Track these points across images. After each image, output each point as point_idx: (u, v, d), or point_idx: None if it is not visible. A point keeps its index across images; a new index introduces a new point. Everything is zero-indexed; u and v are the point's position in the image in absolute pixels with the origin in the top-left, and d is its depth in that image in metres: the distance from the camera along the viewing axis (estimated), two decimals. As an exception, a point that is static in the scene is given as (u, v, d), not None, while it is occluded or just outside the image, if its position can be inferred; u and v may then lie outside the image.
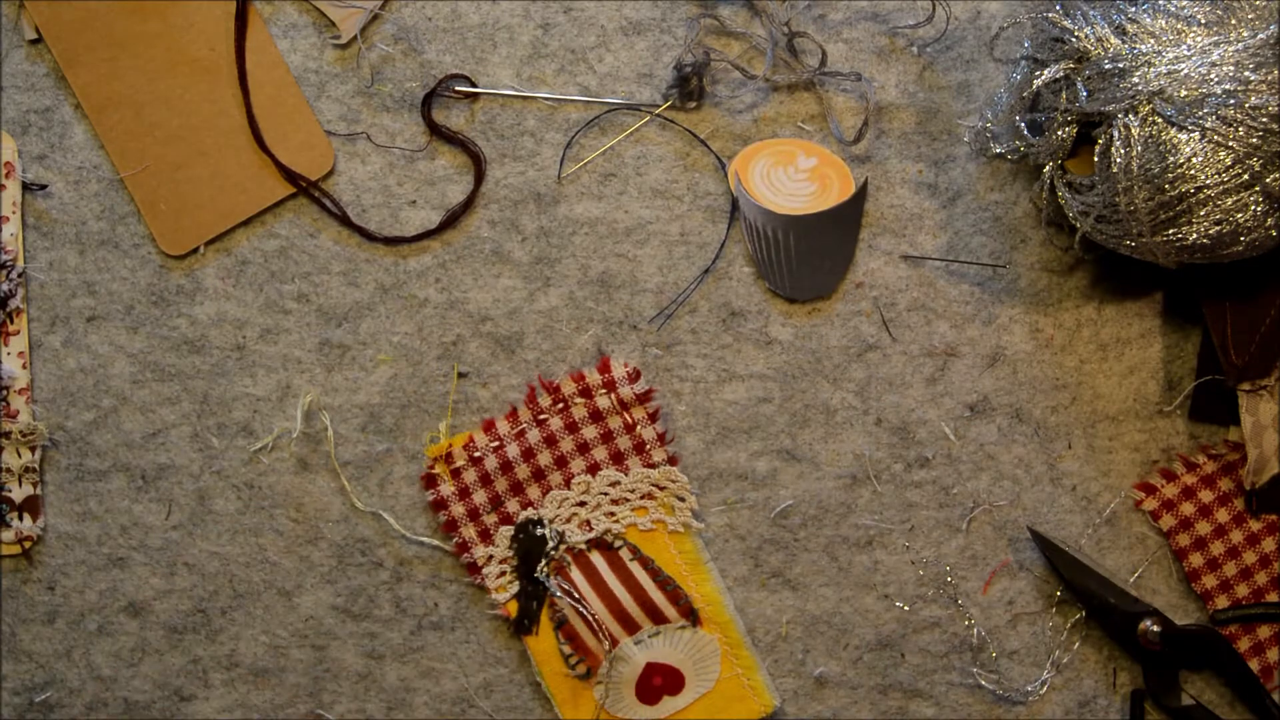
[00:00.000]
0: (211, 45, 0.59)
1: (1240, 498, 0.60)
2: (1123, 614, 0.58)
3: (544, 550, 0.54)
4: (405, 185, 0.60)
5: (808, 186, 0.59)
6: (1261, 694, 0.59)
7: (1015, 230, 0.60)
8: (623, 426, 0.55)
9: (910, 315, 0.60)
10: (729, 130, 0.60)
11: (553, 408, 0.55)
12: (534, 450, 0.54)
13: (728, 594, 0.54)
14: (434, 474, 0.55)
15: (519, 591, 0.54)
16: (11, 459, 0.58)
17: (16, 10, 0.59)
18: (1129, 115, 0.51)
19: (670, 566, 0.54)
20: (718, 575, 0.55)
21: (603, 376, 0.55)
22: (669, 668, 0.54)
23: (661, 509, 0.54)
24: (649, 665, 0.54)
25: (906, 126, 0.60)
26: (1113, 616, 0.59)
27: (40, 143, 0.59)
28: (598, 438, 0.54)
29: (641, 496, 0.54)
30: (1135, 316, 0.61)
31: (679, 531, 0.55)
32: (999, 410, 0.60)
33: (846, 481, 0.60)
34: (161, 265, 0.59)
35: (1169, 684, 0.59)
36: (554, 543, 0.54)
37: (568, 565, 0.54)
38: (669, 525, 0.54)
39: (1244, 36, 0.50)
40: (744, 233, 0.59)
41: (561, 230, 0.60)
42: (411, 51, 0.60)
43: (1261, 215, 0.51)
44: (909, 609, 0.60)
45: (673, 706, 0.54)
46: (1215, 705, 0.60)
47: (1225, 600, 0.60)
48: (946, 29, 0.60)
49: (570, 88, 0.60)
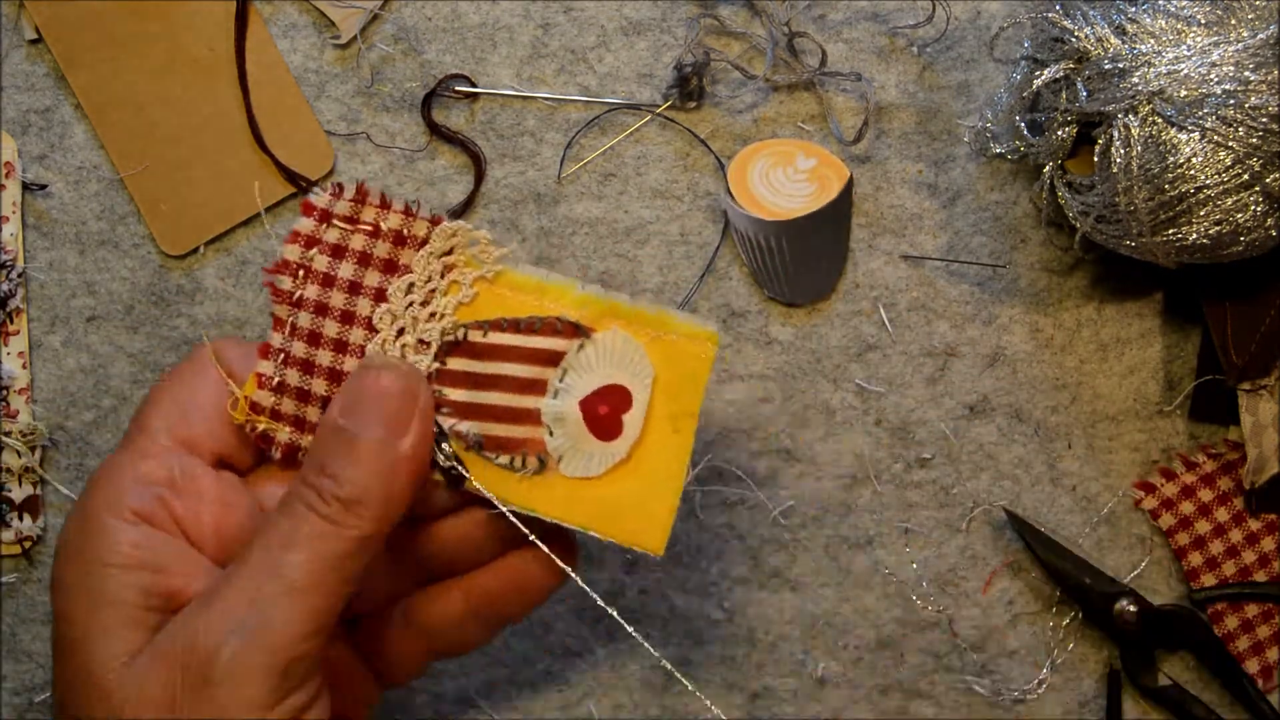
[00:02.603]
0: (211, 45, 0.59)
1: (1240, 497, 0.60)
2: (1099, 594, 0.59)
3: None
4: (405, 185, 0.60)
5: (807, 187, 0.59)
6: (1238, 674, 0.59)
7: (1015, 230, 0.60)
8: (369, 238, 0.47)
9: (910, 315, 0.60)
10: (729, 130, 0.60)
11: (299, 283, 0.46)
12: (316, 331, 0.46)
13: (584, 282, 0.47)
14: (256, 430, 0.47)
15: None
16: (11, 459, 0.58)
17: (16, 10, 0.59)
18: (1129, 115, 0.51)
19: (519, 308, 0.47)
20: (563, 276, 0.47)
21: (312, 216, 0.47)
22: (602, 390, 0.47)
23: (468, 268, 0.47)
24: (582, 404, 0.47)
25: (906, 126, 0.60)
26: (1089, 597, 0.59)
27: (40, 143, 0.59)
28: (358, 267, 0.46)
29: (442, 275, 0.47)
30: (1135, 316, 0.61)
31: (500, 271, 0.47)
32: (999, 410, 0.60)
33: (846, 481, 0.60)
34: (161, 265, 0.59)
35: (1146, 664, 0.59)
36: None
37: (439, 393, 0.46)
38: (487, 274, 0.47)
39: (1244, 36, 0.50)
40: (736, 243, 0.59)
41: (561, 230, 0.60)
42: (411, 51, 0.60)
43: (1261, 215, 0.51)
44: (909, 609, 0.60)
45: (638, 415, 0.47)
46: (1192, 685, 0.60)
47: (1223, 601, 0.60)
48: (946, 29, 0.60)
49: (570, 88, 0.60)
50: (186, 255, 0.59)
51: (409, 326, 0.46)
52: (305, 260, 0.46)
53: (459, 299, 0.47)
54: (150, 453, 0.44)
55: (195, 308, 0.60)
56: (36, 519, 0.59)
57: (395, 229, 0.47)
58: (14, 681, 0.60)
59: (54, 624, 0.42)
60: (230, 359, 0.46)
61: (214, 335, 0.59)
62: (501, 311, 0.47)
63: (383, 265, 0.47)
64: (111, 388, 0.59)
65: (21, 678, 0.60)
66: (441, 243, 0.47)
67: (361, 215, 0.47)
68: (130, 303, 0.59)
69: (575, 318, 0.47)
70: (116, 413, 0.59)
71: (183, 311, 0.60)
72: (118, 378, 0.59)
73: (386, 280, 0.46)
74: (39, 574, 0.60)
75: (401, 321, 0.46)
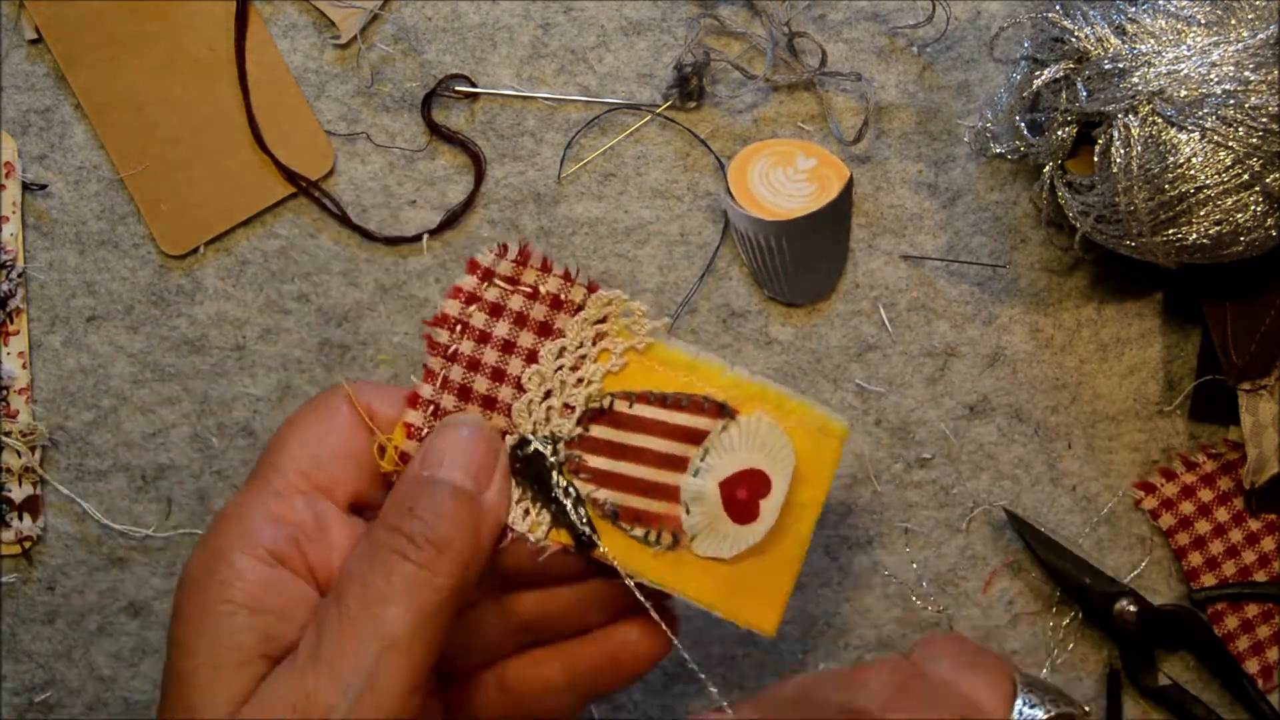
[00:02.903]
0: (211, 45, 0.59)
1: (1240, 497, 0.60)
2: (1099, 594, 0.59)
3: (547, 463, 0.47)
4: (405, 185, 0.60)
5: (807, 187, 0.59)
6: (1238, 674, 0.59)
7: (1015, 230, 0.60)
8: (527, 299, 0.48)
9: (910, 315, 0.60)
10: (729, 130, 0.60)
11: (455, 337, 0.47)
12: (467, 386, 0.47)
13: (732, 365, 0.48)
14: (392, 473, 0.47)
15: (553, 519, 0.47)
16: (11, 459, 0.58)
17: (16, 10, 0.59)
18: (1129, 115, 0.51)
19: (667, 383, 0.48)
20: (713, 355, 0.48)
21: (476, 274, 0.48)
22: (742, 473, 0.47)
23: (620, 337, 0.47)
24: (722, 485, 0.47)
25: (906, 126, 0.60)
26: (1089, 597, 0.59)
27: (40, 143, 0.59)
28: (512, 327, 0.47)
29: (594, 343, 0.48)
30: (1135, 316, 0.61)
31: (651, 344, 0.47)
32: (999, 410, 0.60)
33: (846, 481, 0.60)
34: (161, 265, 0.59)
35: (1146, 664, 0.59)
36: (551, 449, 0.47)
37: (579, 459, 0.47)
38: (638, 347, 0.47)
39: (1244, 36, 0.50)
40: (736, 243, 0.59)
41: (561, 230, 0.60)
42: (411, 51, 0.60)
43: (1261, 215, 0.51)
44: (909, 609, 0.60)
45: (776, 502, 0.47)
46: (1192, 685, 0.60)
47: (1223, 601, 0.60)
48: (946, 29, 0.60)
49: (570, 88, 0.60)
50: (186, 255, 0.59)
51: (557, 390, 0.47)
52: (464, 316, 0.47)
53: (608, 367, 0.47)
54: (284, 493, 0.43)
55: (195, 308, 0.60)
56: (36, 519, 0.59)
57: (553, 292, 0.47)
58: (14, 681, 0.60)
59: (168, 651, 0.41)
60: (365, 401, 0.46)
61: (214, 335, 0.59)
62: (649, 384, 0.48)
63: (537, 327, 0.47)
64: (111, 388, 0.59)
65: (21, 678, 0.60)
66: (596, 310, 0.47)
67: (522, 277, 0.48)
68: (130, 303, 0.59)
69: (722, 398, 0.47)
70: (116, 413, 0.59)
71: (183, 311, 0.60)
72: (118, 378, 0.59)
73: (540, 342, 0.47)
74: (39, 574, 0.60)
75: (550, 384, 0.47)
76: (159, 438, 0.60)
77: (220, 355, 0.60)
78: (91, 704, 0.60)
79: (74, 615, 0.60)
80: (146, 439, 0.60)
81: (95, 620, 0.60)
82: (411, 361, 0.59)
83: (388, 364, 0.60)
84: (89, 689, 0.60)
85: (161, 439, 0.60)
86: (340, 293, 0.60)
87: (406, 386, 0.46)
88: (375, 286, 0.60)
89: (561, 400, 0.47)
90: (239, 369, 0.60)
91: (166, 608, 0.60)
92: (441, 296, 0.47)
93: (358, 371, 0.59)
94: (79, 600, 0.60)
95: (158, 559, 0.60)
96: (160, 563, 0.60)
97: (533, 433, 0.47)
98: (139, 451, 0.60)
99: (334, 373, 0.59)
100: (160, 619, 0.60)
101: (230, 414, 0.60)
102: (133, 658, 0.60)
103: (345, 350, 0.60)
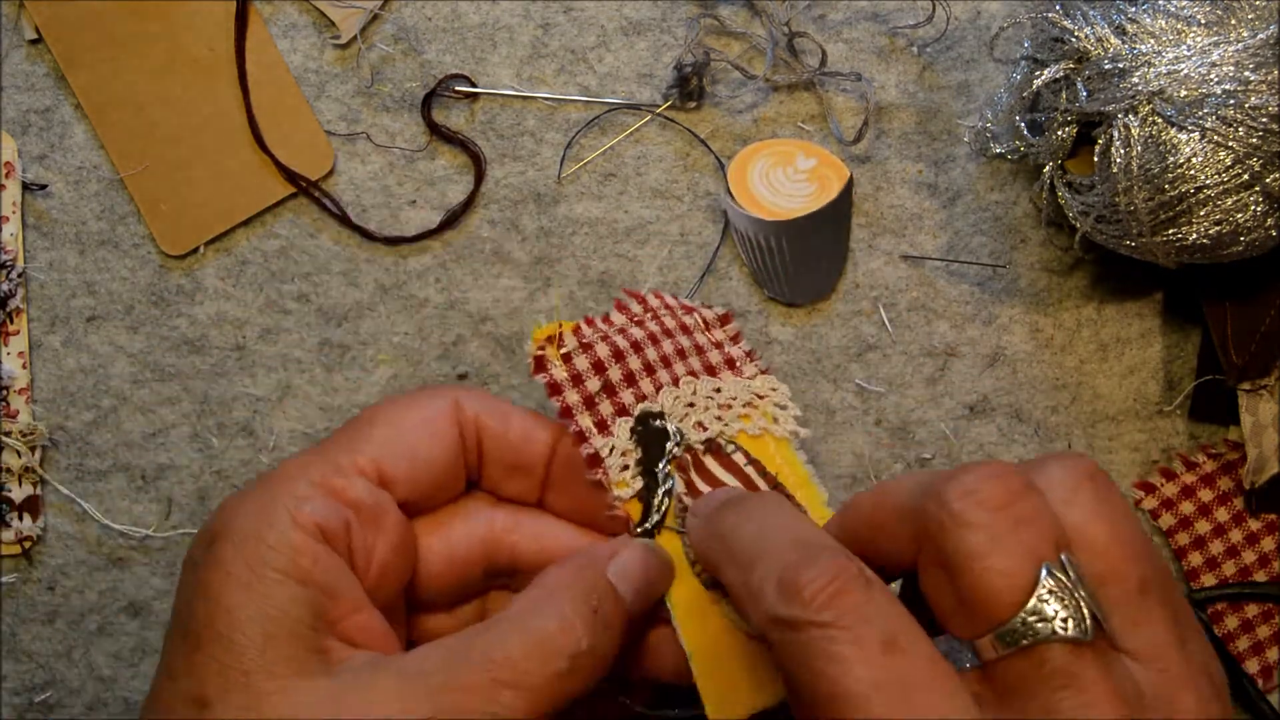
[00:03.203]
0: (211, 45, 0.59)
1: (1240, 497, 0.60)
2: None
3: (665, 445, 0.48)
4: (405, 185, 0.60)
5: (807, 187, 0.59)
6: (1238, 674, 0.59)
7: (1015, 230, 0.60)
8: (710, 343, 0.51)
9: (910, 315, 0.60)
10: (729, 130, 0.60)
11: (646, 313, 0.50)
12: (640, 344, 0.49)
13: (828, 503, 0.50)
14: (543, 356, 0.49)
15: (642, 489, 0.48)
16: (11, 459, 0.58)
17: (16, 10, 0.59)
18: (1129, 115, 0.51)
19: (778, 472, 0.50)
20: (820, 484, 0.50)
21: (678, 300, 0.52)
22: None
23: (764, 417, 0.50)
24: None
25: (906, 126, 0.60)
26: None
27: (40, 143, 0.59)
28: (691, 347, 0.50)
29: (744, 405, 0.50)
30: (1135, 316, 0.61)
31: (784, 439, 0.50)
32: (999, 410, 0.60)
33: (846, 481, 0.60)
34: (161, 265, 0.59)
35: None
36: (676, 439, 0.49)
37: (688, 466, 0.49)
38: (775, 432, 0.50)
39: (1244, 36, 0.50)
40: (736, 243, 0.59)
41: (561, 230, 0.60)
42: (411, 51, 0.60)
43: (1261, 215, 0.51)
44: (909, 609, 0.60)
45: None
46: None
47: (1223, 601, 0.60)
48: (946, 29, 0.60)
49: (570, 88, 0.60)
50: (186, 255, 0.59)
51: (699, 406, 0.50)
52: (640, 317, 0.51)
53: (748, 428, 0.50)
54: (347, 471, 0.43)
55: (195, 308, 0.60)
56: (36, 519, 0.59)
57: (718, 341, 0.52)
58: (14, 681, 0.60)
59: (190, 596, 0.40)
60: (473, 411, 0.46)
61: (214, 335, 0.59)
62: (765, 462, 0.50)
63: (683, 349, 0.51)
64: (111, 388, 0.59)
65: (21, 678, 0.60)
66: (762, 384, 0.51)
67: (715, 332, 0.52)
68: (130, 303, 0.59)
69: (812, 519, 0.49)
70: (116, 413, 0.59)
71: (183, 311, 0.60)
72: (118, 378, 0.59)
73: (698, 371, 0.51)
74: (39, 574, 0.60)
75: (697, 400, 0.50)
76: (159, 438, 0.60)
77: (220, 355, 0.60)
78: (91, 704, 0.60)
79: (74, 615, 0.60)
80: (146, 439, 0.60)
81: (95, 620, 0.60)
82: (411, 361, 0.59)
83: (388, 364, 0.60)
84: (89, 689, 0.60)
85: (161, 439, 0.60)
86: (340, 293, 0.60)
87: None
88: (375, 286, 0.60)
89: (697, 418, 0.49)
90: (239, 369, 0.60)
91: (167, 608, 0.60)
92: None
93: (357, 371, 0.59)
94: (79, 600, 0.60)
95: (158, 559, 0.60)
96: (160, 563, 0.60)
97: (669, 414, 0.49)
98: (139, 451, 0.60)
99: (334, 373, 0.59)
100: (160, 619, 0.60)
101: (230, 414, 0.60)
102: (133, 658, 0.60)
103: (345, 350, 0.60)
